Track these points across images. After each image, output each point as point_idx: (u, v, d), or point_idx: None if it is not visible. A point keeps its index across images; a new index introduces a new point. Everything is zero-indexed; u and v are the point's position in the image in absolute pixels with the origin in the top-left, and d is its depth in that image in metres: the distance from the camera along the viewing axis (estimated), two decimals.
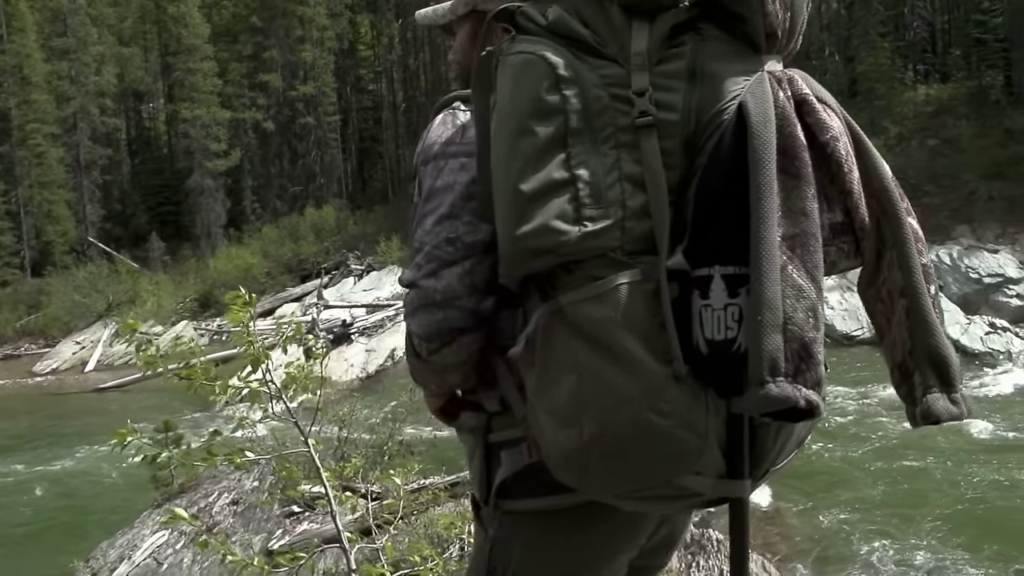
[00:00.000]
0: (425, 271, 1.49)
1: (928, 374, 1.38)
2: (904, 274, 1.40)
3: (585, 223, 1.31)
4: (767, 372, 1.23)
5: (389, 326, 22.54)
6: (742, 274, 1.28)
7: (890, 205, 1.42)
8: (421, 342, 1.52)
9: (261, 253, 35.01)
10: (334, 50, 44.35)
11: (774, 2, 1.38)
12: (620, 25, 1.38)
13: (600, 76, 1.35)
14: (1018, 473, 10.16)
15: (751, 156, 1.29)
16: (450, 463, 8.05)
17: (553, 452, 1.39)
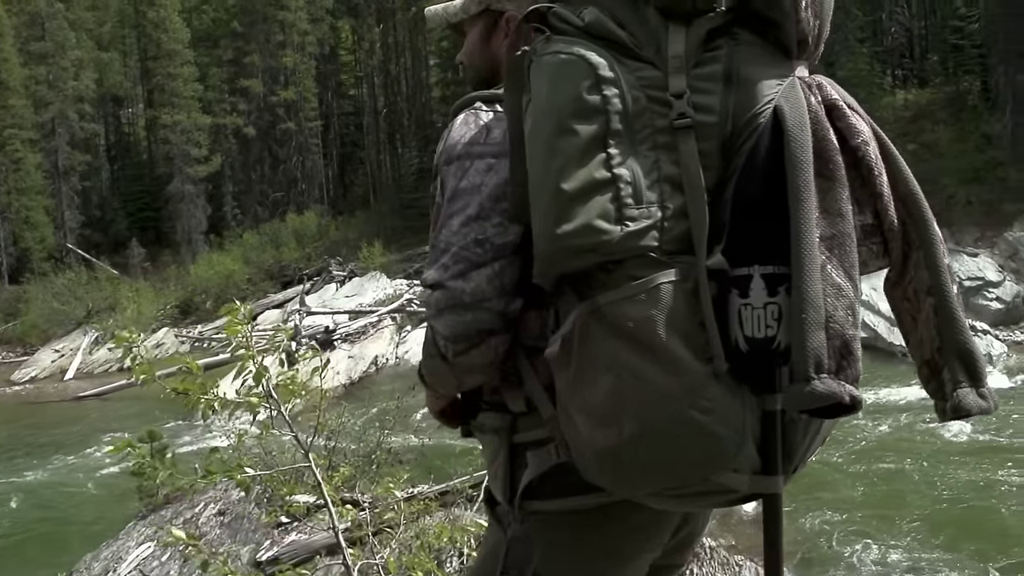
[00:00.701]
0: (453, 272, 1.48)
1: (957, 369, 1.43)
2: (932, 274, 1.44)
3: (627, 223, 1.31)
4: (812, 369, 1.26)
5: (372, 332, 22.44)
6: (780, 273, 1.32)
7: (916, 208, 1.45)
8: (448, 343, 1.50)
9: (242, 259, 34.88)
10: (315, 55, 44.27)
11: (806, 9, 1.41)
12: (656, 28, 1.39)
13: (637, 78, 1.36)
14: (994, 474, 10.25)
15: (788, 159, 1.32)
16: (438, 471, 8.01)
17: (588, 451, 1.39)
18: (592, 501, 1.53)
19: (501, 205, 1.50)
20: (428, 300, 1.52)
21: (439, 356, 1.53)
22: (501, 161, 1.52)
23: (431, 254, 1.53)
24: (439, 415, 1.77)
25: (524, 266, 1.47)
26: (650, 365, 1.30)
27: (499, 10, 1.77)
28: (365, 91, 47.94)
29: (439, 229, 1.53)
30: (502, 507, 1.66)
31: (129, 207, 44.48)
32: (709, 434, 1.30)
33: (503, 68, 1.51)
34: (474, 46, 1.82)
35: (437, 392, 1.68)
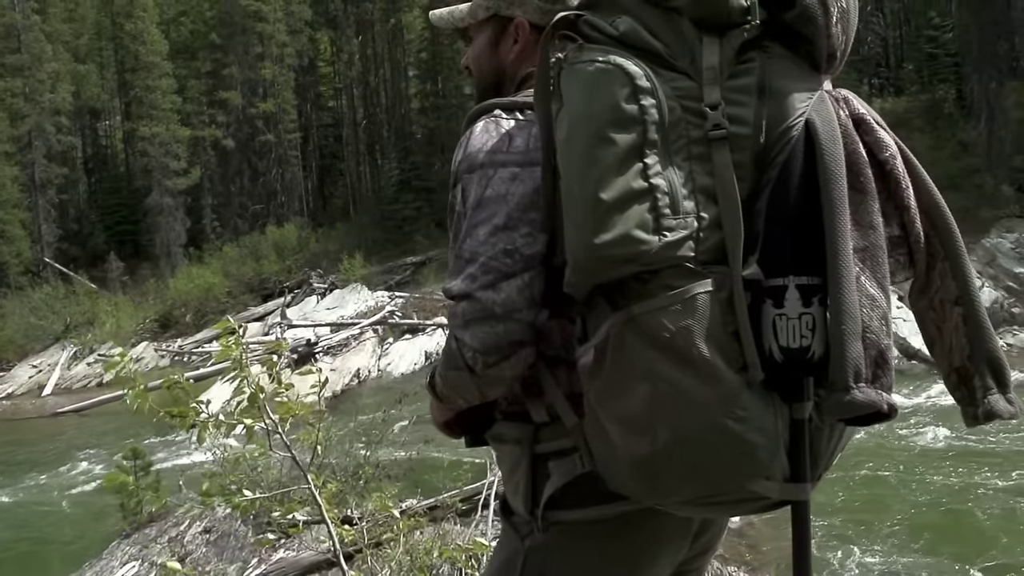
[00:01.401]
0: (482, 283, 1.47)
1: (987, 376, 1.48)
2: (960, 284, 1.48)
3: (664, 233, 1.32)
4: (851, 378, 1.29)
5: (354, 345, 22.38)
6: (814, 284, 1.34)
7: (941, 219, 1.49)
8: (478, 355, 1.48)
9: (222, 272, 34.67)
10: (294, 67, 44.17)
11: (836, 25, 1.43)
12: (691, 39, 1.40)
13: (672, 88, 1.37)
14: (970, 478, 10.36)
15: (822, 172, 1.34)
16: (426, 486, 7.97)
17: (623, 461, 1.39)
18: (615, 510, 1.54)
19: (529, 215, 1.49)
20: (454, 311, 1.50)
21: (466, 368, 1.50)
22: (526, 170, 1.52)
23: (454, 264, 1.52)
24: (443, 426, 1.76)
25: (550, 277, 1.48)
26: (686, 375, 1.30)
27: (508, 16, 1.76)
28: (344, 103, 47.82)
29: (462, 239, 1.51)
30: (519, 516, 1.66)
31: (107, 220, 44.15)
32: (744, 442, 1.32)
33: (536, 75, 1.49)
34: (481, 52, 1.81)
35: (451, 404, 1.66)
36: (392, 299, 27.11)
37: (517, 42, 1.76)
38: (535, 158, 1.51)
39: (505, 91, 1.78)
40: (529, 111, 1.58)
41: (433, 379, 1.64)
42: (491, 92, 1.79)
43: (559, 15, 1.46)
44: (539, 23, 1.72)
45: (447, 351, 1.53)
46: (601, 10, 1.45)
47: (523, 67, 1.76)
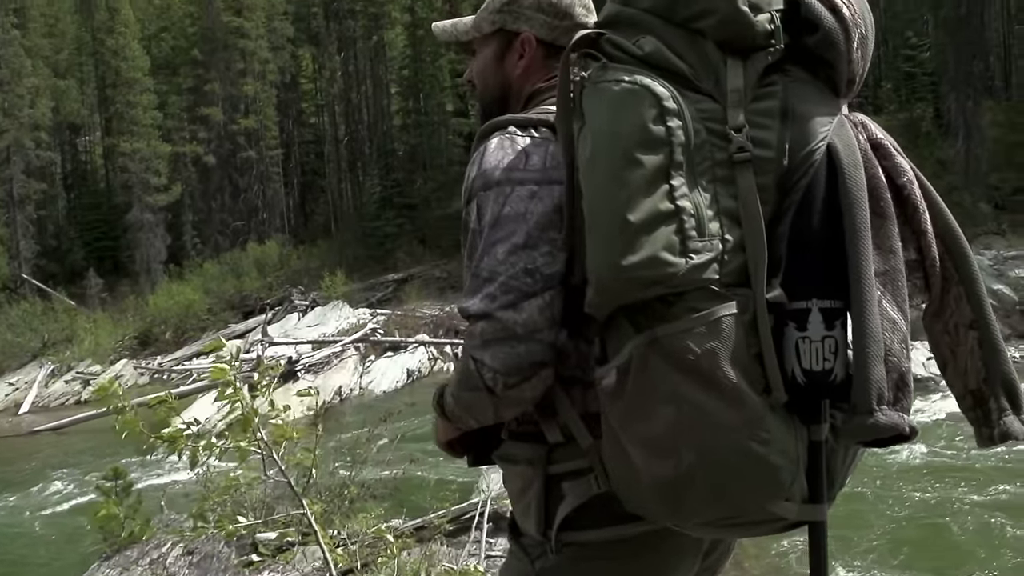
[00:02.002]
0: (502, 302, 1.45)
1: (1002, 398, 1.51)
2: (975, 308, 1.50)
3: (691, 255, 1.32)
4: (875, 401, 1.31)
5: (335, 363, 22.27)
6: (837, 308, 1.35)
7: (955, 244, 1.51)
8: (499, 376, 1.46)
9: (202, 289, 34.43)
10: (276, 83, 44.07)
11: (857, 50, 1.44)
12: (715, 61, 1.41)
13: (697, 110, 1.37)
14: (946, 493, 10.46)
15: (845, 197, 1.36)
16: (411, 506, 7.91)
17: (645, 483, 1.39)
18: (630, 531, 1.54)
19: (548, 233, 1.48)
20: (472, 331, 1.48)
21: (484, 389, 1.48)
22: (544, 188, 1.51)
23: (471, 283, 1.50)
24: (446, 446, 1.76)
25: (569, 296, 1.47)
26: (711, 397, 1.31)
27: (514, 31, 1.76)
28: (326, 119, 47.79)
29: (479, 257, 1.50)
30: (529, 538, 1.65)
31: (86, 236, 43.77)
32: (768, 465, 1.33)
33: (557, 93, 1.49)
34: (486, 66, 1.81)
35: (461, 425, 1.64)
36: (374, 316, 27.03)
37: (523, 57, 1.76)
38: (553, 176, 1.51)
39: (510, 106, 1.78)
40: (544, 128, 1.58)
41: (442, 399, 1.62)
42: (496, 107, 1.79)
43: (580, 33, 1.46)
44: (546, 38, 1.75)
45: (463, 371, 1.51)
46: (622, 29, 1.45)
47: (529, 83, 1.76)
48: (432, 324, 25.20)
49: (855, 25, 1.43)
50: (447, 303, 28.30)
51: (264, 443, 2.65)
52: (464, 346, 1.52)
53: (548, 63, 1.75)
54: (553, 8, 1.74)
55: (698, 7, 1.40)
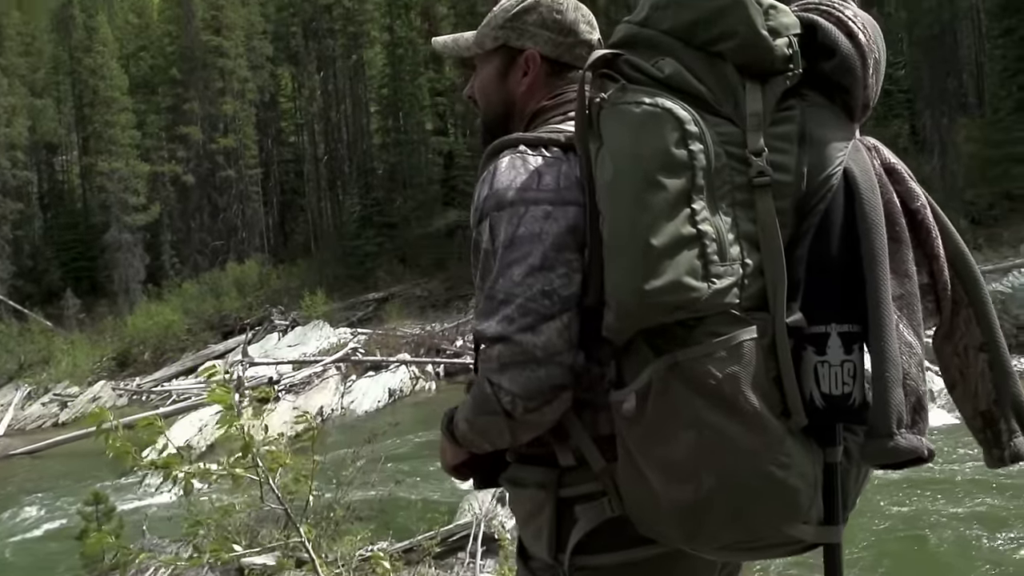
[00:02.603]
0: (520, 325, 1.43)
1: (1012, 420, 1.53)
2: (985, 331, 1.52)
3: (713, 280, 1.32)
4: (895, 425, 1.32)
5: (316, 383, 22.12)
6: (855, 332, 1.36)
7: (965, 267, 1.53)
8: (518, 400, 1.44)
9: (181, 309, 34.21)
10: (255, 102, 44.09)
11: (872, 76, 1.46)
12: (734, 84, 1.40)
13: (717, 133, 1.37)
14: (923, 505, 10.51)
15: (863, 222, 1.37)
16: (398, 528, 7.85)
17: (664, 507, 1.38)
18: (643, 554, 1.52)
19: (564, 255, 1.46)
20: (488, 354, 1.46)
21: (503, 414, 1.46)
22: (558, 208, 1.49)
23: (485, 305, 1.49)
24: (452, 470, 1.73)
25: (584, 318, 1.46)
26: (733, 422, 1.31)
27: (518, 48, 1.75)
28: (305, 138, 47.71)
29: (495, 278, 1.48)
30: (538, 561, 1.62)
31: (63, 256, 43.42)
32: (788, 489, 1.33)
33: (575, 114, 1.47)
34: (489, 83, 1.79)
35: (473, 449, 1.61)
36: (354, 336, 26.92)
37: (527, 74, 1.74)
38: (567, 196, 1.50)
39: (513, 123, 1.76)
40: (555, 148, 1.57)
41: (451, 424, 1.61)
42: (498, 124, 1.77)
43: (597, 53, 1.46)
44: (550, 56, 1.74)
45: (479, 396, 1.49)
46: (639, 50, 1.45)
47: (533, 100, 1.75)
48: (413, 343, 25.12)
49: (870, 51, 1.44)
50: (428, 322, 28.26)
51: (261, 470, 2.61)
52: (480, 370, 1.49)
53: (552, 81, 1.75)
54: (558, 25, 1.73)
55: (718, 30, 1.40)
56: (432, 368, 23.63)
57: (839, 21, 1.45)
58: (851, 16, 1.45)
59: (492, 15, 1.78)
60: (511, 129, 1.75)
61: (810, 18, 1.45)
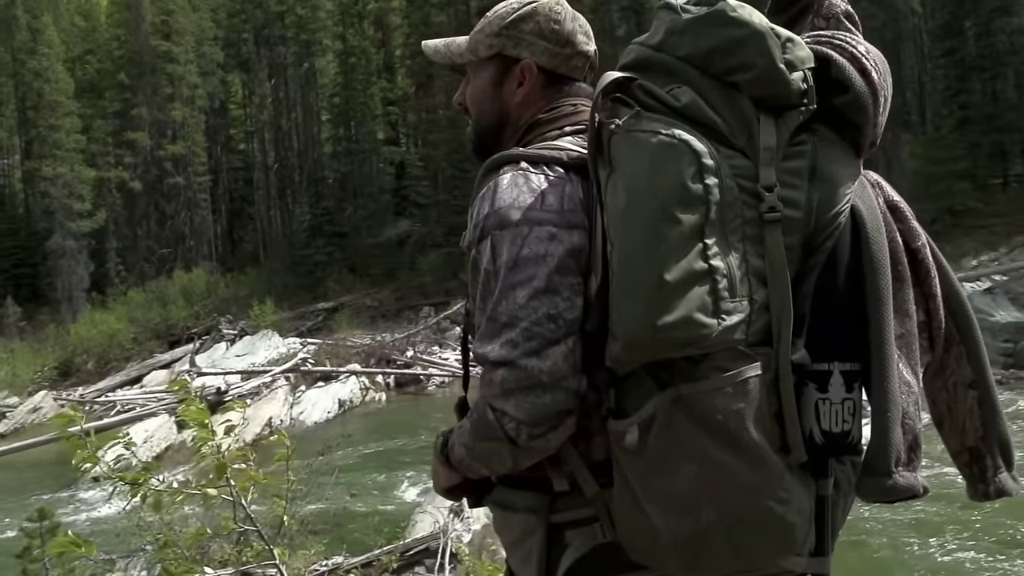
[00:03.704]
0: (525, 349, 1.40)
1: (998, 457, 1.57)
2: (975, 369, 1.56)
3: (723, 316, 1.31)
4: (893, 464, 1.34)
5: (265, 393, 21.83)
6: (856, 370, 1.37)
7: (959, 305, 1.56)
8: (522, 426, 1.41)
9: (127, 318, 33.58)
10: (204, 109, 43.55)
11: (882, 114, 1.46)
12: (749, 117, 1.38)
13: (731, 166, 1.35)
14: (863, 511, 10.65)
15: (869, 262, 1.38)
16: (352, 541, 7.77)
17: (662, 540, 1.39)
18: None
19: (568, 278, 1.44)
20: (490, 378, 1.42)
21: (506, 440, 1.43)
22: (562, 231, 1.46)
23: (487, 327, 1.45)
24: (445, 492, 1.71)
25: (587, 342, 1.43)
26: (735, 457, 1.31)
27: (514, 57, 1.70)
28: (255, 146, 47.26)
29: (497, 300, 1.44)
30: None
31: (3, 263, 42.23)
32: (785, 523, 1.34)
33: (588, 138, 1.44)
34: (483, 91, 1.74)
35: (470, 473, 1.59)
36: (304, 346, 26.62)
37: (522, 85, 1.70)
38: (571, 219, 1.47)
39: (506, 134, 1.73)
40: (558, 167, 1.53)
41: (446, 448, 1.59)
42: (490, 134, 1.74)
43: (611, 77, 1.42)
44: (546, 66, 1.69)
45: (481, 422, 1.46)
46: (652, 74, 1.43)
47: (528, 112, 1.71)
48: (363, 353, 24.90)
49: (881, 88, 1.44)
50: (378, 332, 28.08)
51: (233, 489, 2.57)
52: (481, 394, 1.45)
53: (547, 92, 1.71)
54: (555, 35, 1.69)
55: (736, 60, 1.38)
56: (382, 379, 23.46)
57: (852, 57, 1.44)
58: (863, 52, 1.45)
59: (487, 21, 1.73)
60: (503, 139, 1.72)
61: (824, 52, 1.44)
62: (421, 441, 16.43)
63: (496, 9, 1.73)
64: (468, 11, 39.54)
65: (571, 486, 1.53)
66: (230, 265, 41.37)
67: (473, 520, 8.04)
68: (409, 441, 16.51)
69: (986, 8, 27.16)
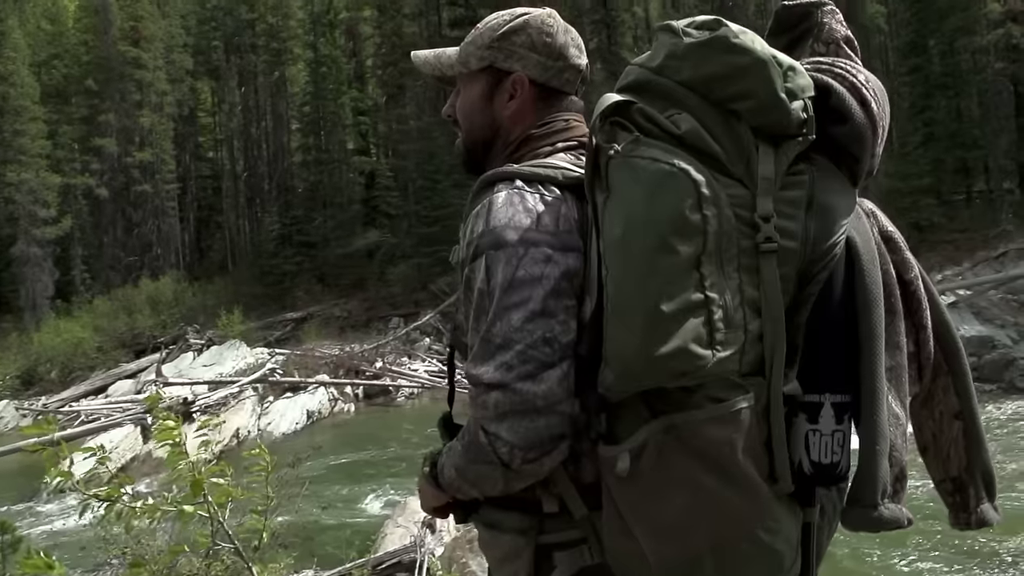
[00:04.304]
0: (520, 373, 1.38)
1: (981, 487, 1.59)
2: (962, 400, 1.57)
3: (718, 347, 1.30)
4: (879, 496, 1.36)
5: (233, 403, 21.63)
6: (846, 402, 1.38)
7: (948, 337, 1.57)
8: (516, 451, 1.39)
9: (92, 327, 33.13)
10: (173, 116, 43.19)
11: (880, 145, 1.46)
12: (747, 146, 1.37)
13: (728, 196, 1.33)
14: None
15: (863, 295, 1.38)
16: (324, 556, 7.71)
17: (653, 567, 1.39)
18: None
19: (563, 301, 1.42)
20: (483, 401, 1.40)
21: (499, 464, 1.41)
22: (558, 253, 1.44)
23: (480, 348, 1.42)
24: (433, 511, 1.70)
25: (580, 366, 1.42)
26: (726, 486, 1.32)
27: (505, 70, 1.68)
28: (224, 154, 47.05)
29: (491, 322, 1.42)
30: None
31: None
32: (773, 552, 1.36)
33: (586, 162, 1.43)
34: (473, 104, 1.72)
35: (460, 495, 1.58)
36: (272, 356, 26.43)
37: (514, 98, 1.68)
38: (567, 241, 1.45)
39: (497, 148, 1.71)
40: (553, 187, 1.51)
41: (435, 469, 1.57)
42: (481, 148, 1.73)
43: (611, 100, 1.39)
44: (538, 79, 1.67)
45: (473, 445, 1.44)
46: (651, 98, 1.40)
47: (520, 126, 1.69)
48: (332, 364, 24.76)
49: (880, 119, 1.43)
50: (347, 343, 27.93)
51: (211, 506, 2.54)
52: (473, 416, 1.44)
53: (540, 106, 1.69)
54: (547, 48, 1.67)
55: (737, 88, 1.36)
56: (351, 390, 23.34)
57: (853, 87, 1.43)
58: (863, 82, 1.44)
59: (478, 33, 1.70)
60: (494, 153, 1.71)
61: (825, 81, 1.42)
62: (391, 453, 16.37)
63: (487, 21, 1.71)
64: (439, 22, 39.64)
65: (560, 507, 1.52)
66: (197, 274, 41.02)
67: (445, 533, 8.01)
68: (378, 452, 16.44)
69: (950, 27, 27.56)
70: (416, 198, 34.93)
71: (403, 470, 14.47)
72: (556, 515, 1.52)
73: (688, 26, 1.41)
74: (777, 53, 1.38)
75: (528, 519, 1.54)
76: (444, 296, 28.15)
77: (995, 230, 24.55)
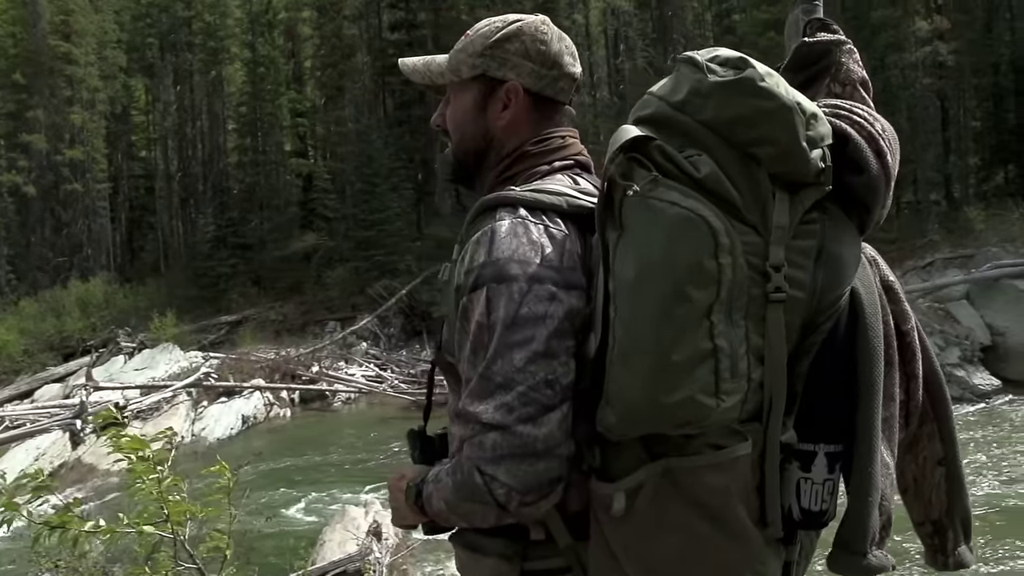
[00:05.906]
0: (520, 415, 1.35)
1: (959, 531, 1.64)
2: (946, 446, 1.61)
3: (722, 396, 1.30)
4: (869, 544, 1.39)
5: (166, 408, 21.25)
6: (838, 452, 1.40)
7: (936, 384, 1.59)
8: (514, 494, 1.36)
9: (17, 329, 32.11)
10: (106, 114, 42.16)
11: (889, 196, 1.46)
12: (765, 193, 1.34)
13: (743, 243, 1.30)
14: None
15: (864, 346, 1.39)
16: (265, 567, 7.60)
17: None
18: None
19: (565, 342, 1.39)
20: (480, 441, 1.37)
21: (494, 504, 1.38)
22: (562, 291, 1.41)
23: (479, 385, 1.39)
24: (405, 527, 1.70)
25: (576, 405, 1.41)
26: (718, 532, 1.34)
27: (498, 78, 1.63)
28: (158, 153, 46.01)
29: (492, 359, 1.38)
30: None
31: None
32: None
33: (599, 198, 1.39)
34: (465, 113, 1.67)
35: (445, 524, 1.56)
36: (206, 360, 25.99)
37: (508, 108, 1.63)
38: (571, 279, 1.43)
39: (490, 160, 1.67)
40: (558, 219, 1.48)
41: (420, 499, 1.54)
42: (472, 159, 1.68)
43: (631, 134, 1.35)
44: (532, 88, 1.63)
45: (467, 484, 1.40)
46: (670, 134, 1.36)
47: (515, 137, 1.64)
48: (267, 368, 24.46)
49: (893, 170, 1.42)
50: (283, 347, 27.61)
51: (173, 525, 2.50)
52: (468, 456, 1.40)
53: (534, 116, 1.64)
54: (542, 56, 1.62)
55: (758, 133, 1.33)
56: (287, 394, 23.11)
57: (870, 137, 1.41)
58: (880, 131, 1.42)
59: (469, 40, 1.65)
60: (486, 164, 1.67)
61: (843, 129, 1.41)
62: (329, 458, 16.23)
63: (478, 28, 1.67)
64: (380, 24, 39.44)
65: (546, 535, 1.51)
66: (129, 276, 40.09)
67: (391, 541, 7.97)
68: (316, 458, 16.28)
69: (880, 44, 28.23)
70: (354, 201, 34.66)
71: (341, 476, 14.35)
72: (542, 542, 1.51)
73: (712, 60, 1.37)
74: (801, 98, 1.36)
75: (513, 545, 1.52)
76: (381, 300, 28.01)
77: (922, 240, 25.18)
